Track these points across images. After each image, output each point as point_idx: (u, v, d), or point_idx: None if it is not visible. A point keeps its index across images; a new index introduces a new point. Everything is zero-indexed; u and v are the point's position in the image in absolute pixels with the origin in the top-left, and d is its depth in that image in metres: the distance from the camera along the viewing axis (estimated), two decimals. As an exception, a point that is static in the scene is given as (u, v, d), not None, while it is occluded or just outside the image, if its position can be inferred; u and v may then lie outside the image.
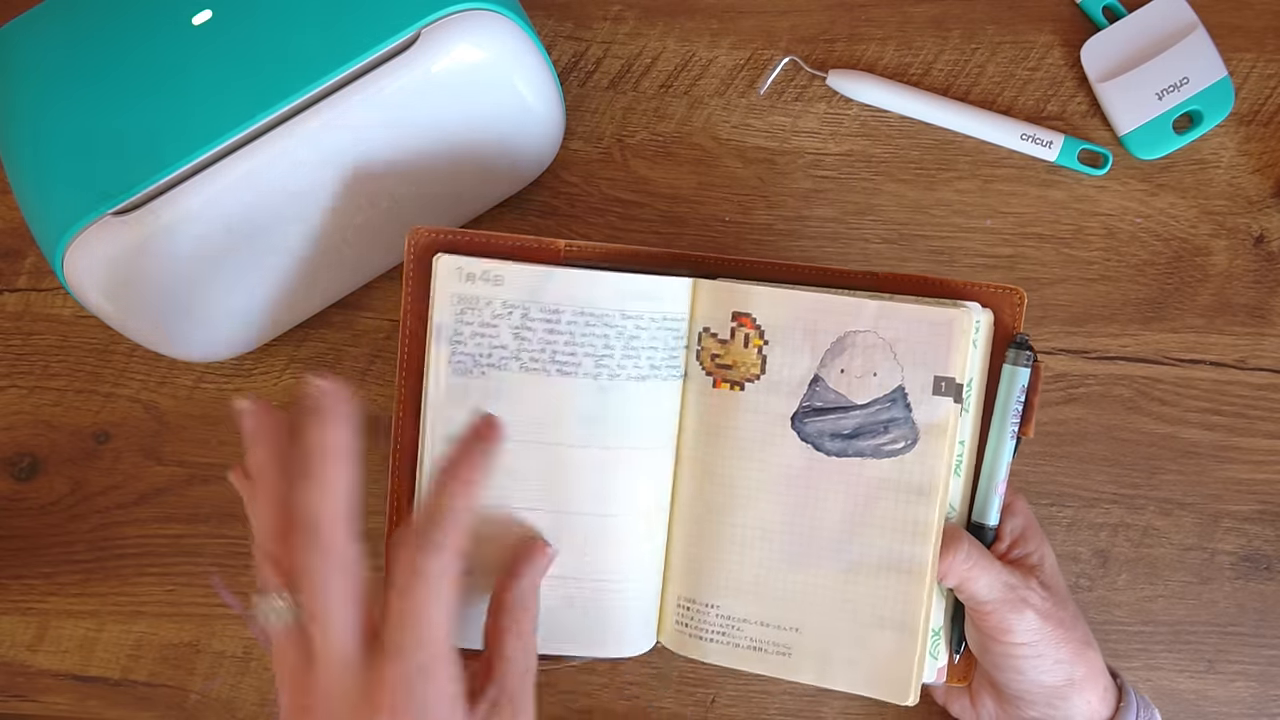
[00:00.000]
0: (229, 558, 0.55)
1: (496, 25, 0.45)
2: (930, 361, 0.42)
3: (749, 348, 0.44)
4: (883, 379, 0.43)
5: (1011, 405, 0.44)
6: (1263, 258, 0.54)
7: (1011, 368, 0.44)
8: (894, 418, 0.43)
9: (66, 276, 0.44)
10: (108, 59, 0.45)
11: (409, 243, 0.44)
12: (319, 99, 0.44)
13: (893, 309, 0.43)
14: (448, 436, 0.43)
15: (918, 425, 0.43)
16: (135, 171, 0.43)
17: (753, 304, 0.44)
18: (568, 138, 0.55)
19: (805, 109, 0.56)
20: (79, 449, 0.55)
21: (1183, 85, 0.54)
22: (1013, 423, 0.45)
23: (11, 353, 0.56)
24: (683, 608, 0.46)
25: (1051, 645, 0.43)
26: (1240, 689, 0.53)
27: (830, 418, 0.44)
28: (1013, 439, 0.45)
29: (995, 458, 0.45)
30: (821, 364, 0.43)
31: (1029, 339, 0.45)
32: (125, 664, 0.55)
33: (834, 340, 0.43)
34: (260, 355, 0.55)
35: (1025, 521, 0.46)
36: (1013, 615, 0.42)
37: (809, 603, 0.44)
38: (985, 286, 0.45)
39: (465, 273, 0.43)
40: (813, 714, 0.54)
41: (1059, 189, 0.55)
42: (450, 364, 0.43)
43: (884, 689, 0.44)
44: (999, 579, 0.42)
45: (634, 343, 0.44)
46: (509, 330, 0.43)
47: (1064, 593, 0.45)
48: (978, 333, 0.43)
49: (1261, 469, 0.54)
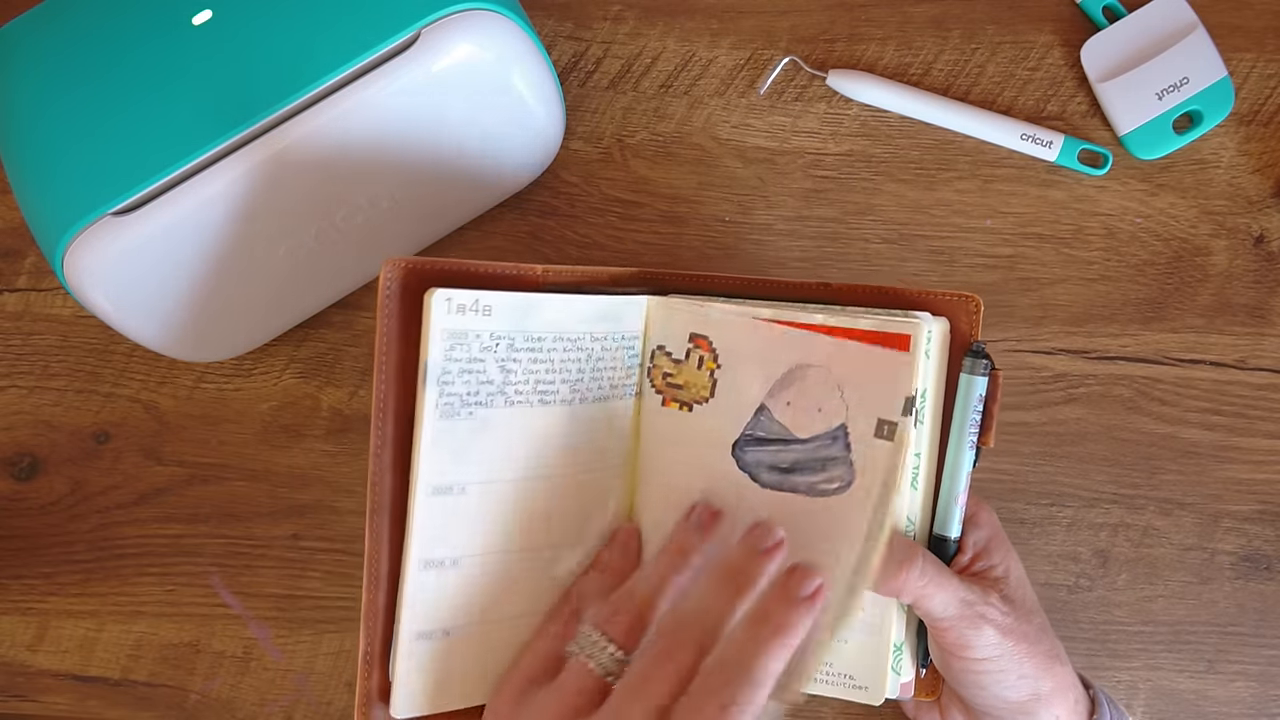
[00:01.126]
0: (229, 558, 0.55)
1: (496, 25, 0.45)
2: (876, 400, 0.41)
3: (702, 369, 0.44)
4: (827, 415, 0.42)
5: (969, 415, 0.43)
6: (1263, 258, 0.54)
7: (968, 376, 0.43)
8: (832, 456, 0.42)
9: (66, 276, 0.44)
10: (107, 59, 0.45)
11: (384, 277, 0.40)
12: (319, 99, 0.44)
13: (844, 348, 0.41)
14: (437, 487, 0.40)
15: (855, 467, 0.41)
16: (135, 171, 0.43)
17: (710, 327, 0.43)
18: (568, 138, 0.55)
19: (805, 109, 0.56)
20: (79, 449, 0.55)
21: (1183, 85, 0.54)
22: (971, 432, 0.43)
23: (11, 353, 0.56)
24: None
25: (1014, 660, 0.42)
26: (1240, 689, 0.53)
27: (770, 449, 0.43)
28: (972, 449, 0.43)
29: (954, 469, 0.43)
30: (770, 394, 0.43)
31: (985, 347, 0.43)
32: (125, 664, 0.55)
33: (785, 371, 0.42)
34: (260, 355, 0.55)
35: (990, 533, 0.44)
36: (970, 631, 0.41)
37: None
38: (940, 295, 0.44)
39: (456, 304, 0.40)
40: (813, 714, 0.54)
41: (1059, 189, 0.55)
42: (438, 407, 0.40)
43: (854, 690, 0.43)
44: (955, 595, 0.41)
45: (599, 364, 0.44)
46: (495, 364, 0.41)
47: (1030, 606, 0.43)
48: (930, 343, 0.42)
49: (1261, 469, 0.54)
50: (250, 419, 0.55)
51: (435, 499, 0.40)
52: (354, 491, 0.55)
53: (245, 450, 0.55)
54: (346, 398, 0.55)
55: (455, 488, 0.41)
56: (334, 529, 0.55)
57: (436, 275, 0.41)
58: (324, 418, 0.55)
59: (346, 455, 0.55)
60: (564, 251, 0.55)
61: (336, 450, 0.55)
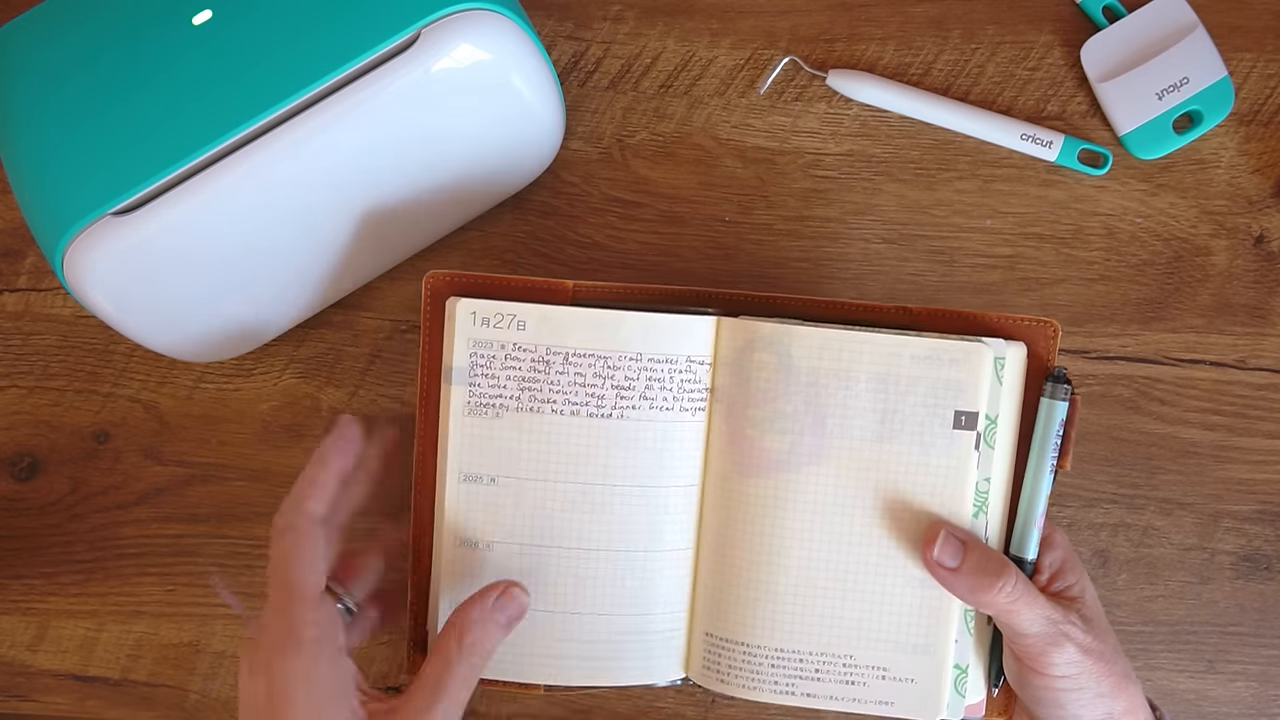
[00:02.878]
0: (229, 558, 0.55)
1: (496, 25, 0.45)
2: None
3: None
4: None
5: (1050, 439, 0.44)
6: (1263, 258, 0.54)
7: (1049, 401, 0.44)
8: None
9: (66, 276, 0.44)
10: (108, 59, 0.45)
11: (425, 287, 0.46)
12: (319, 99, 0.44)
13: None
14: (466, 475, 0.45)
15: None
16: (135, 171, 0.43)
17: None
18: (568, 138, 0.55)
19: (805, 109, 0.56)
20: (79, 449, 0.55)
21: (1183, 85, 0.54)
22: (1052, 456, 0.44)
23: (11, 353, 0.56)
24: (710, 645, 0.46)
25: (1092, 679, 0.42)
26: (1240, 689, 0.53)
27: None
28: (1051, 472, 0.44)
29: (1034, 491, 0.44)
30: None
31: (1066, 372, 0.44)
32: (125, 664, 0.55)
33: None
34: (260, 355, 0.55)
35: (1064, 554, 0.45)
36: (1054, 649, 0.42)
37: (841, 632, 0.45)
38: (1018, 320, 0.45)
39: (480, 316, 0.44)
40: (812, 714, 0.53)
41: (1059, 189, 0.55)
42: (467, 404, 0.45)
43: (913, 709, 0.45)
44: (1041, 613, 0.42)
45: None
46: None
47: (1104, 625, 0.44)
48: (1002, 369, 0.43)
49: (1261, 469, 0.54)
50: (250, 419, 0.55)
51: (464, 485, 0.45)
52: (354, 491, 0.55)
53: (245, 450, 0.55)
54: (346, 398, 0.55)
55: (485, 478, 0.45)
56: (334, 529, 0.55)
57: (470, 286, 0.45)
58: (324, 418, 0.55)
59: (346, 455, 0.55)
60: (564, 251, 0.55)
61: (336, 450, 0.55)
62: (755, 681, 0.45)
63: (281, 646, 0.39)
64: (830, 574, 0.44)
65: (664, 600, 0.46)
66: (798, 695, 0.45)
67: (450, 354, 0.45)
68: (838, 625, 0.45)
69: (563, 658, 0.46)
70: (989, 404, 0.43)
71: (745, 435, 0.45)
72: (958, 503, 0.44)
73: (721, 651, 0.46)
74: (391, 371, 0.55)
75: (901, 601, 0.44)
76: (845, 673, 0.45)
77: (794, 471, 0.44)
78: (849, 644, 0.45)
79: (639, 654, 0.46)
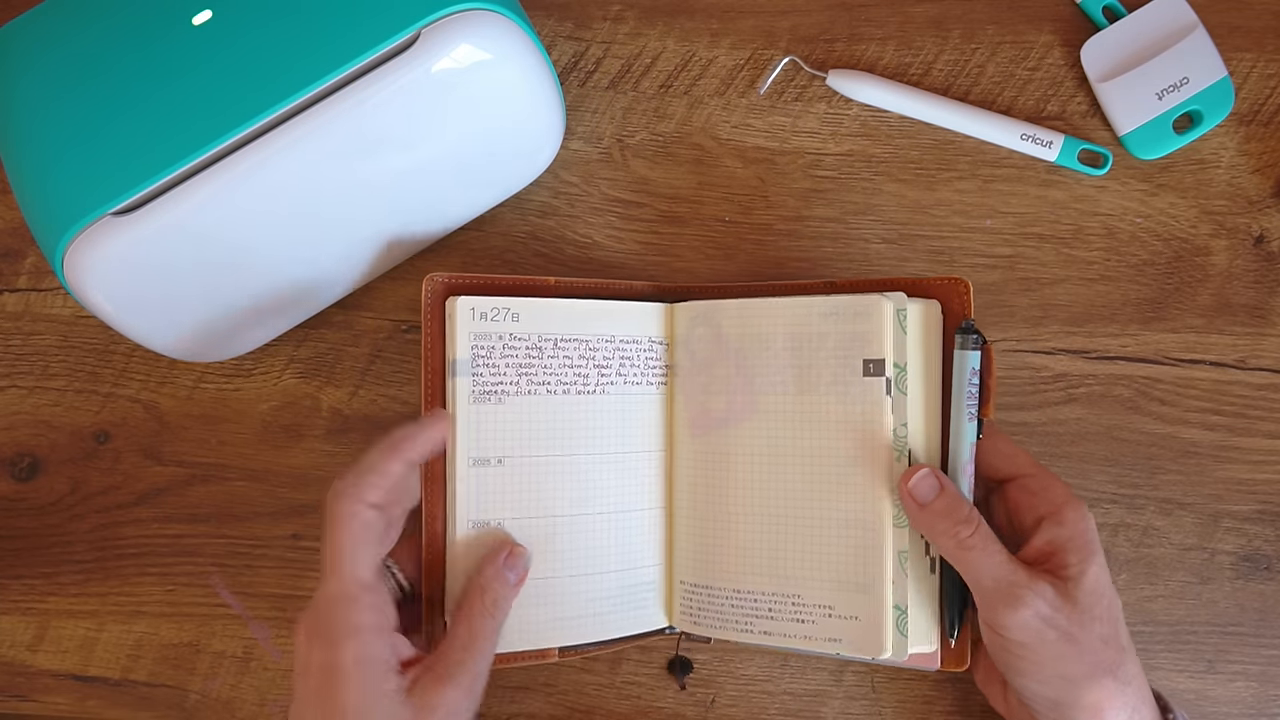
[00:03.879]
0: (229, 558, 0.55)
1: (496, 25, 0.45)
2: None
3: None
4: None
5: (965, 387, 0.47)
6: (1263, 258, 0.54)
7: (960, 351, 0.47)
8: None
9: (66, 276, 0.44)
10: (108, 59, 0.45)
11: (425, 289, 0.49)
12: (319, 99, 0.44)
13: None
14: (475, 459, 0.48)
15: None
16: (135, 171, 0.43)
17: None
18: (568, 138, 0.55)
19: (805, 109, 0.56)
20: (79, 449, 0.55)
21: (1183, 85, 0.54)
22: (970, 404, 0.47)
23: (11, 353, 0.56)
24: (684, 591, 0.51)
25: (1052, 656, 0.42)
26: (1240, 689, 0.53)
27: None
28: (972, 420, 0.47)
29: (958, 439, 0.47)
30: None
31: (974, 323, 0.47)
32: (125, 664, 0.55)
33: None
34: (260, 355, 0.55)
35: (1072, 534, 0.44)
36: (1006, 608, 0.43)
37: (786, 572, 0.48)
38: (932, 280, 0.49)
39: (478, 311, 0.48)
40: (812, 714, 0.54)
41: (1059, 189, 0.55)
42: (471, 393, 0.48)
43: (858, 647, 0.47)
44: (997, 569, 0.43)
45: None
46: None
47: (1098, 615, 0.43)
48: (905, 320, 0.47)
49: (1261, 469, 0.54)
50: (250, 419, 0.55)
51: (474, 469, 0.48)
52: (354, 491, 0.55)
53: (245, 450, 0.55)
54: (346, 398, 0.55)
55: (493, 460, 0.48)
56: (334, 529, 0.55)
57: (466, 286, 0.50)
58: (324, 418, 0.55)
59: (346, 455, 0.55)
60: (564, 251, 0.55)
61: (336, 450, 0.55)
62: (720, 621, 0.49)
63: (338, 627, 0.41)
64: (772, 518, 0.49)
65: (645, 554, 0.51)
66: (756, 633, 0.49)
67: (454, 348, 0.48)
68: (783, 566, 0.48)
69: (568, 619, 0.49)
70: (894, 352, 0.47)
71: (695, 400, 0.51)
72: (877, 445, 0.47)
73: (694, 596, 0.50)
74: (391, 371, 0.55)
75: (837, 542, 0.47)
76: (795, 611, 0.48)
77: (732, 428, 0.49)
78: (796, 584, 0.48)
79: (630, 605, 0.50)
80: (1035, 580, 0.43)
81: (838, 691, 0.54)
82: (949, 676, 0.53)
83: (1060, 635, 0.42)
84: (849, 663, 0.53)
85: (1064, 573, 0.44)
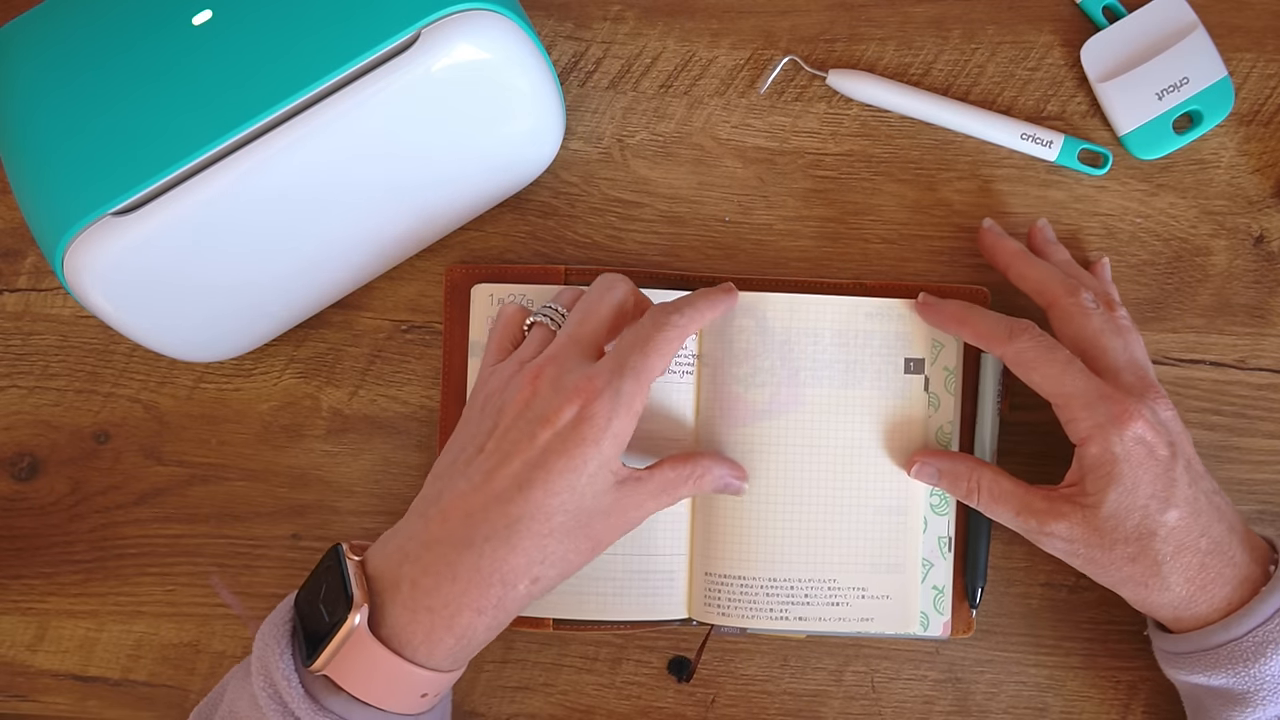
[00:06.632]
0: (229, 558, 0.55)
1: (496, 25, 0.45)
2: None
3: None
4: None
5: (990, 385, 0.52)
6: (1263, 258, 0.54)
7: (984, 355, 0.52)
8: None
9: (66, 276, 0.44)
10: (108, 59, 0.45)
11: (445, 279, 0.53)
12: (319, 99, 0.44)
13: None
14: None
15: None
16: (135, 171, 0.43)
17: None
18: (568, 138, 0.55)
19: (805, 109, 0.56)
20: (79, 449, 0.55)
21: (1183, 85, 0.54)
22: (994, 401, 0.52)
23: (11, 353, 0.56)
24: (710, 583, 0.51)
25: (1092, 567, 0.47)
26: (1240, 689, 0.53)
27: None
28: (995, 415, 0.52)
29: (981, 428, 0.52)
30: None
31: None
32: (125, 664, 0.55)
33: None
34: (260, 355, 0.55)
35: (1093, 463, 0.46)
36: (1036, 542, 0.48)
37: (818, 561, 0.51)
38: (956, 289, 0.53)
39: (496, 298, 0.52)
40: (812, 714, 0.54)
41: (1059, 189, 0.55)
42: None
43: (890, 624, 0.51)
44: (1016, 515, 0.47)
45: None
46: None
47: (1121, 538, 0.45)
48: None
49: (1261, 469, 0.54)
50: (250, 419, 0.55)
51: None
52: (354, 491, 0.55)
53: (245, 450, 0.55)
54: (346, 398, 0.55)
55: None
56: (334, 529, 0.55)
57: (484, 276, 0.53)
58: (324, 418, 0.55)
59: (346, 455, 0.55)
60: (564, 251, 0.55)
61: (336, 450, 0.55)
62: (753, 610, 0.51)
63: (614, 400, 0.43)
64: (812, 507, 0.51)
65: (663, 543, 0.51)
66: (791, 619, 0.51)
67: (474, 331, 0.52)
68: (821, 553, 0.51)
69: (570, 594, 0.51)
70: (932, 353, 0.51)
71: (731, 391, 0.51)
72: (915, 437, 0.51)
73: (721, 588, 0.51)
74: (392, 371, 0.55)
75: (874, 528, 0.51)
76: (830, 595, 0.51)
77: (775, 419, 0.51)
78: (832, 569, 0.51)
79: (640, 591, 0.51)
80: (1045, 524, 0.46)
81: (838, 691, 0.54)
82: (949, 677, 0.53)
83: (1084, 560, 0.47)
84: (849, 663, 0.53)
85: (1084, 500, 0.46)
